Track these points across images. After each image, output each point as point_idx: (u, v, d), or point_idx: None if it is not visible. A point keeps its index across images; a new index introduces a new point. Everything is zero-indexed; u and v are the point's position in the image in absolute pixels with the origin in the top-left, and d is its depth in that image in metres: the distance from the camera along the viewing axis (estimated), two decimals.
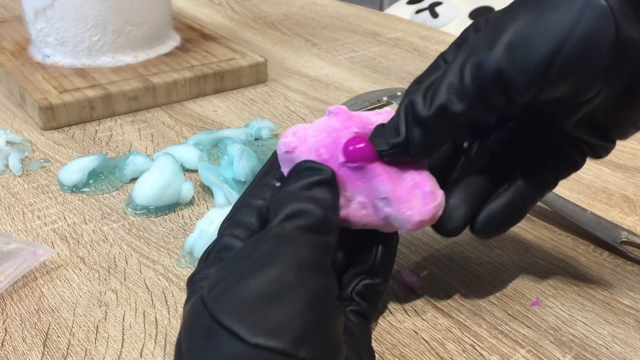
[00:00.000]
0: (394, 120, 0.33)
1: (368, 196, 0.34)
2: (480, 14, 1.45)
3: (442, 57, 0.36)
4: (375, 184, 0.33)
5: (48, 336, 0.37)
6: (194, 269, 0.35)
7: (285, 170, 0.34)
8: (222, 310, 0.26)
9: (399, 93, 0.59)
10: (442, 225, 0.36)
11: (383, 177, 0.33)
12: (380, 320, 0.38)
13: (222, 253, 0.32)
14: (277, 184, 0.34)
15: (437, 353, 0.35)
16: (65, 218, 0.47)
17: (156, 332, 0.37)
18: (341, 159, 0.33)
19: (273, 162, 0.35)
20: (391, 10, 1.60)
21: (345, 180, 0.33)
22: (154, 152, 0.56)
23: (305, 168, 0.32)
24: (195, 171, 0.52)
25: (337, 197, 0.32)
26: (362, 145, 0.33)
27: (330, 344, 0.26)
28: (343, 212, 0.33)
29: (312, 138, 0.34)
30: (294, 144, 0.34)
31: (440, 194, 0.35)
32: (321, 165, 0.32)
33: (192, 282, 0.31)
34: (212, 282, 0.28)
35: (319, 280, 0.27)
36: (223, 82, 0.69)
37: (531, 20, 0.30)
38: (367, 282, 0.35)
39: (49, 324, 0.38)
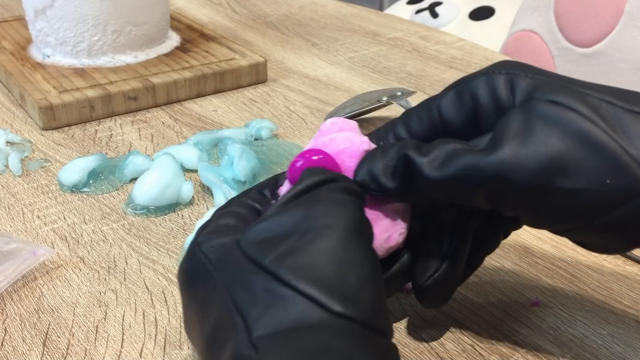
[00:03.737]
0: (386, 160, 0.30)
1: None
2: (480, 14, 1.45)
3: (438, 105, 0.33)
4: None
5: (48, 336, 0.37)
6: None
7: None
8: (295, 274, 0.25)
9: (398, 93, 0.59)
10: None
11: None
12: None
13: (226, 221, 0.30)
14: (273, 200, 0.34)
15: (437, 353, 0.35)
16: (65, 218, 0.47)
17: (156, 332, 0.37)
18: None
19: (272, 180, 0.35)
20: (391, 10, 1.60)
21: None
22: (154, 152, 0.56)
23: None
24: (195, 171, 0.52)
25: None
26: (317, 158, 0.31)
27: (387, 312, 0.26)
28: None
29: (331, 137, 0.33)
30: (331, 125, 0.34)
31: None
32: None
33: (198, 245, 0.29)
34: (262, 239, 0.26)
35: (372, 246, 0.28)
36: (223, 82, 0.69)
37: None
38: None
39: (49, 324, 0.38)
